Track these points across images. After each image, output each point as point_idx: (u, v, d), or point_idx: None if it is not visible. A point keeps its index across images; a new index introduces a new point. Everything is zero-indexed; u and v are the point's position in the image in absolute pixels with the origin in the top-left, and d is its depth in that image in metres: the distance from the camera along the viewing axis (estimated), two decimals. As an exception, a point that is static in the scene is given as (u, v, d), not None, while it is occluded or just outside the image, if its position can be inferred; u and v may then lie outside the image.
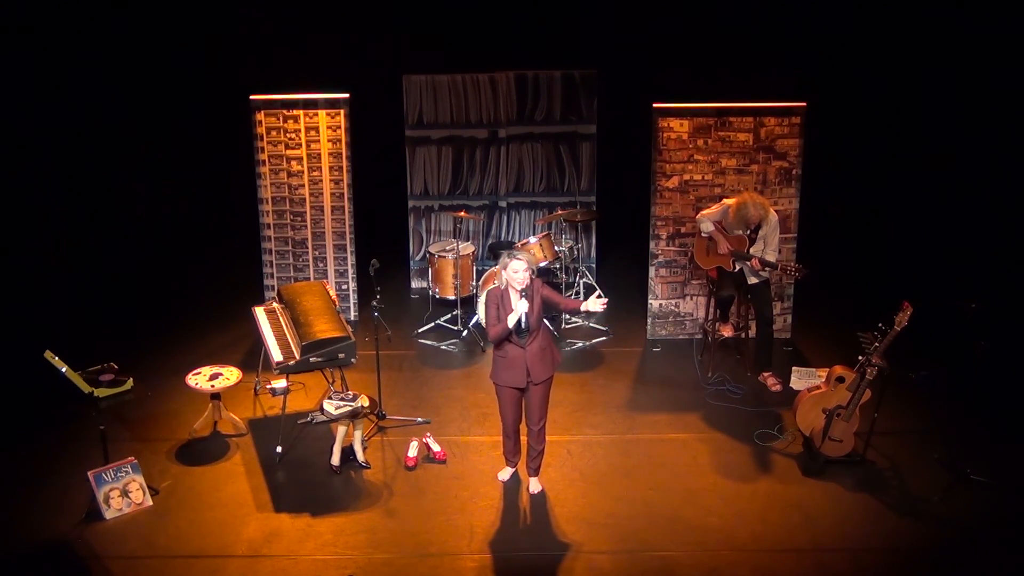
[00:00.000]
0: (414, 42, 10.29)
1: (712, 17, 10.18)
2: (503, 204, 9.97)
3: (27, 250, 9.49)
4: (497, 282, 6.18)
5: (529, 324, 6.11)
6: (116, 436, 6.99)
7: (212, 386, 7.07)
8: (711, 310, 8.33)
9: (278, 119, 8.80)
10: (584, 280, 9.58)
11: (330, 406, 6.76)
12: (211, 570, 5.88)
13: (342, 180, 8.92)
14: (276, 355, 6.98)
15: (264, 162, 8.89)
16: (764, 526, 6.24)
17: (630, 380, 8.15)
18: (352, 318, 9.21)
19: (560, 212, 9.33)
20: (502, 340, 6.16)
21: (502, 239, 10.05)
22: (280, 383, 7.25)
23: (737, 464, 6.92)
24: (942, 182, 9.73)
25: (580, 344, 8.79)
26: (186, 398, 7.56)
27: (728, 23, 10.21)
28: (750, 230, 7.68)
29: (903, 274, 9.34)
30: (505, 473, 6.74)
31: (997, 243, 9.19)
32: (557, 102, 9.66)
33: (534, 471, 6.59)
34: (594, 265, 10.06)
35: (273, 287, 9.07)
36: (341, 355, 6.90)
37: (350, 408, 6.74)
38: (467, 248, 9.16)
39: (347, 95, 8.80)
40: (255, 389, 7.87)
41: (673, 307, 8.83)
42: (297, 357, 6.86)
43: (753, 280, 7.80)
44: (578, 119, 9.70)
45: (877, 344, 6.50)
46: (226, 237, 10.53)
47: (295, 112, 8.78)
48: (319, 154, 8.87)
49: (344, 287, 9.22)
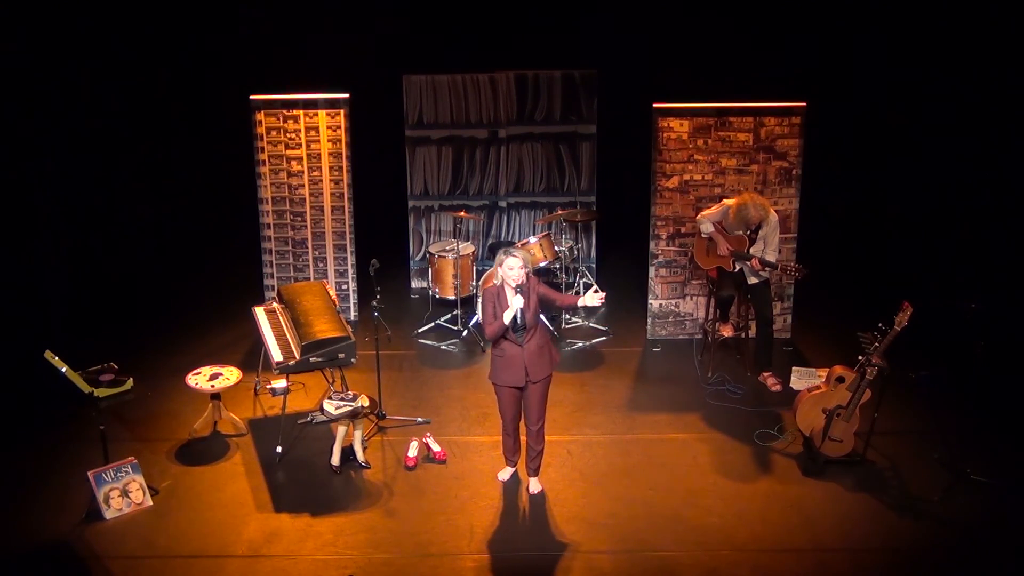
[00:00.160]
0: (414, 42, 10.29)
1: (712, 17, 10.18)
2: (503, 204, 9.97)
3: (27, 250, 9.49)
4: (495, 280, 6.19)
5: (525, 321, 6.11)
6: (116, 436, 6.99)
7: (212, 386, 7.06)
8: (711, 310, 8.33)
9: (278, 119, 8.79)
10: (584, 280, 9.58)
11: (330, 406, 6.76)
12: (211, 570, 5.89)
13: (342, 180, 8.92)
14: (276, 355, 6.98)
15: (264, 162, 8.89)
16: (764, 526, 6.24)
17: (630, 380, 8.15)
18: (352, 318, 9.21)
19: (560, 212, 9.32)
20: (499, 337, 6.17)
21: (502, 239, 10.05)
22: (280, 383, 7.26)
23: (737, 464, 6.92)
24: (942, 182, 9.73)
25: (580, 344, 8.79)
26: (186, 398, 7.56)
27: (728, 23, 10.21)
28: (750, 230, 7.68)
29: (903, 274, 9.33)
30: (505, 473, 6.74)
31: (997, 243, 9.19)
32: (557, 102, 9.66)
33: (534, 471, 6.59)
34: (594, 265, 10.06)
35: (273, 287, 9.07)
36: (341, 355, 6.90)
37: (350, 408, 6.74)
38: (467, 248, 9.16)
39: (347, 95, 8.80)
40: (255, 389, 7.87)
41: (673, 307, 8.83)
42: (297, 357, 6.86)
43: (753, 280, 7.80)
44: (578, 119, 9.69)
45: (877, 344, 6.50)
46: (226, 237, 10.53)
47: (295, 112, 8.77)
48: (319, 154, 8.87)
49: (344, 287, 9.22)
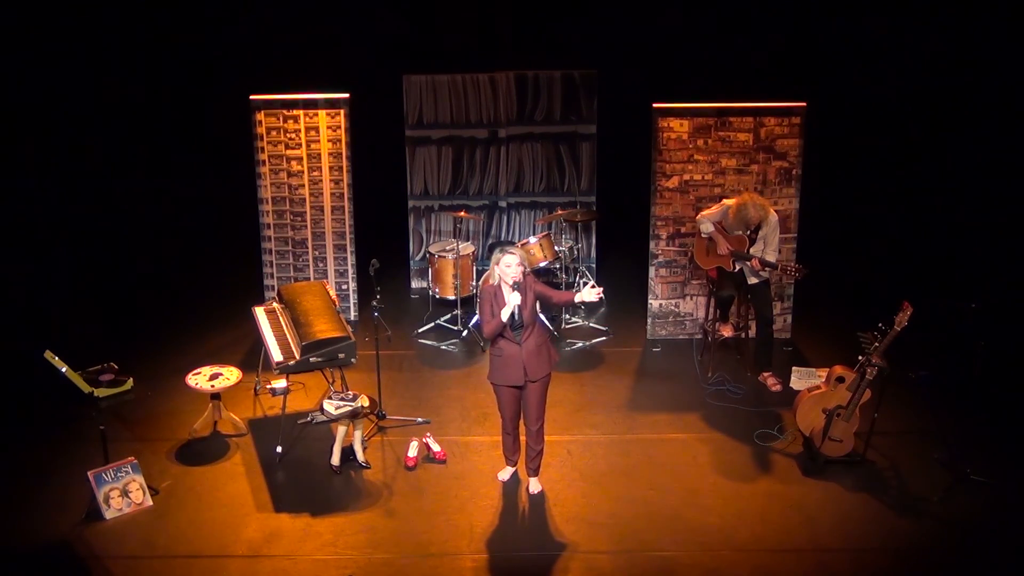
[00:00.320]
0: (414, 42, 10.29)
1: (712, 17, 10.18)
2: (503, 204, 9.97)
3: (27, 250, 9.50)
4: (492, 279, 6.20)
5: (523, 318, 6.11)
6: (116, 436, 6.98)
7: (212, 386, 7.06)
8: (711, 310, 8.33)
9: (278, 119, 8.79)
10: (584, 280, 9.58)
11: (330, 406, 6.76)
12: (211, 570, 5.89)
13: (342, 180, 8.91)
14: (276, 355, 6.98)
15: (264, 162, 8.88)
16: (764, 526, 6.24)
17: (630, 380, 8.15)
18: (352, 318, 9.20)
19: (560, 212, 9.31)
20: (497, 336, 6.17)
21: (502, 239, 10.04)
22: (280, 383, 7.26)
23: (737, 464, 6.92)
24: (942, 182, 9.73)
25: (580, 344, 8.78)
26: (186, 398, 7.55)
27: (728, 23, 10.22)
28: (750, 230, 7.68)
29: (903, 274, 9.33)
30: (505, 473, 6.74)
31: (997, 243, 9.20)
32: (557, 102, 9.65)
33: (533, 471, 6.59)
34: (594, 265, 10.05)
35: (273, 287, 9.06)
36: (341, 355, 6.90)
37: (350, 408, 6.74)
38: (467, 248, 9.16)
39: (347, 95, 8.80)
40: (255, 389, 7.86)
41: (673, 307, 8.82)
42: (297, 357, 6.86)
43: (753, 280, 7.80)
44: (578, 119, 9.69)
45: (877, 344, 6.50)
46: (226, 237, 10.53)
47: (295, 112, 8.77)
48: (319, 154, 8.87)
49: (344, 287, 9.22)
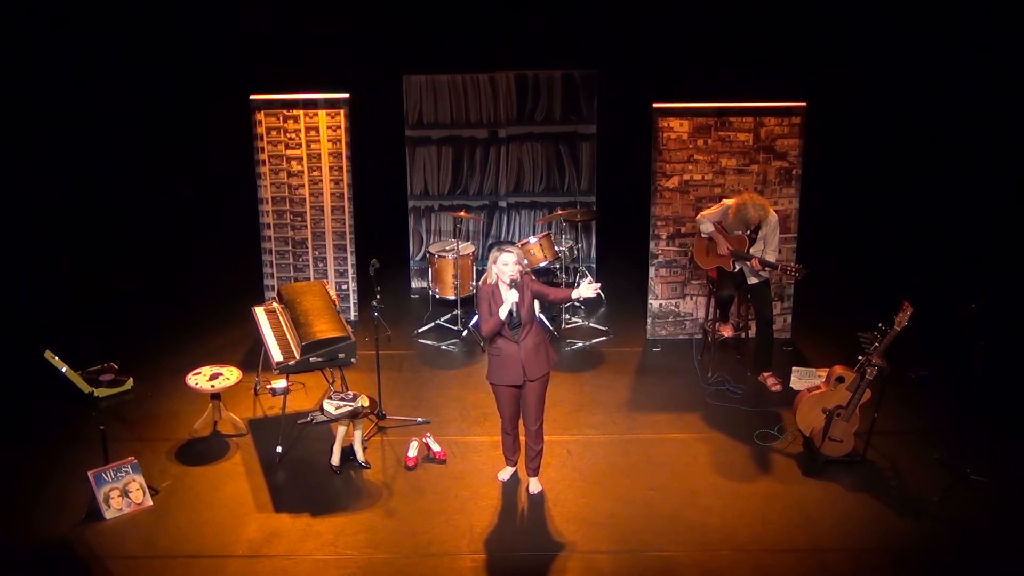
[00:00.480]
0: (414, 42, 10.29)
1: (712, 17, 10.18)
2: (503, 204, 9.97)
3: (27, 250, 9.50)
4: (489, 278, 6.20)
5: (520, 316, 6.11)
6: (116, 436, 6.98)
7: (212, 386, 7.06)
8: (711, 310, 8.33)
9: (278, 119, 8.79)
10: (584, 280, 9.56)
11: (330, 406, 6.76)
12: (211, 570, 5.88)
13: (342, 180, 8.91)
14: (276, 355, 6.98)
15: (264, 162, 8.88)
16: (764, 526, 6.24)
17: (630, 380, 8.15)
18: (352, 318, 9.20)
19: (560, 212, 9.31)
20: (496, 334, 6.18)
21: (502, 239, 10.04)
22: (280, 383, 7.25)
23: (737, 464, 6.92)
24: (942, 182, 9.74)
25: (580, 344, 8.78)
26: (186, 398, 7.56)
27: (728, 23, 10.21)
28: (750, 230, 7.68)
29: (903, 274, 9.33)
30: (505, 473, 6.74)
31: (997, 243, 9.19)
32: (557, 102, 9.65)
33: (533, 471, 6.59)
34: (594, 265, 10.05)
35: (273, 287, 9.06)
36: (341, 355, 6.90)
37: (350, 408, 6.74)
38: (467, 248, 9.16)
39: (347, 95, 8.80)
40: (255, 389, 7.86)
41: (673, 307, 8.82)
42: (297, 357, 6.86)
43: (753, 280, 7.80)
44: (578, 119, 9.69)
45: (877, 344, 6.50)
46: (226, 237, 10.53)
47: (295, 112, 8.77)
48: (319, 154, 8.87)
49: (344, 287, 9.22)
